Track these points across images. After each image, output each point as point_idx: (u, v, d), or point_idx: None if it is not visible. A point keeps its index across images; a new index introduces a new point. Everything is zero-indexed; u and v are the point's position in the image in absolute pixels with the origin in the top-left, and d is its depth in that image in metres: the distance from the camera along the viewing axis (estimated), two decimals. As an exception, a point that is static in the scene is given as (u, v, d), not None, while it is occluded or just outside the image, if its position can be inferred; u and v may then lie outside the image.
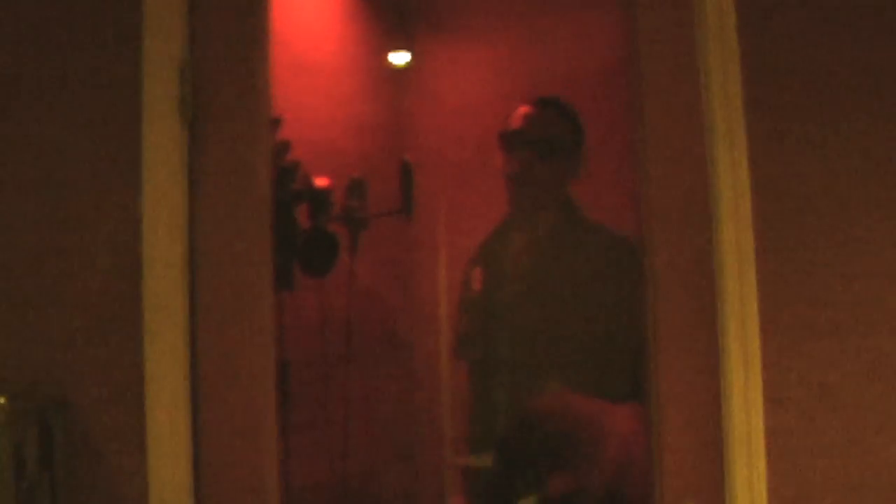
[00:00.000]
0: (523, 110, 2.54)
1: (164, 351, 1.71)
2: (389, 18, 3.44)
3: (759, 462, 1.71)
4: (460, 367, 2.80)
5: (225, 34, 1.77)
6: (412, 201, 2.94)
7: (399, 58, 3.40)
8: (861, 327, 1.75)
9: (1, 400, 1.57)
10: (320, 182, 2.65)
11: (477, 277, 2.61)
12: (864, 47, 1.79)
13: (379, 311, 3.24)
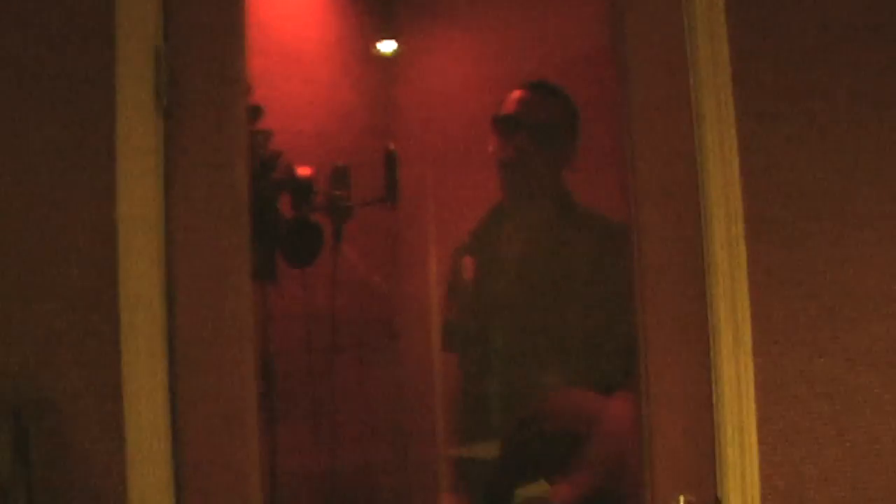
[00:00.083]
0: (518, 94, 2.44)
1: (142, 345, 1.68)
2: (375, 6, 3.41)
3: (752, 452, 1.70)
4: (450, 357, 2.76)
5: (200, 19, 1.74)
6: (397, 190, 2.91)
7: (386, 46, 3.37)
8: (853, 316, 1.74)
9: (-26, 398, 1.55)
10: (303, 171, 2.63)
11: (468, 266, 2.56)
12: (855, 33, 1.78)
13: (365, 301, 3.22)
